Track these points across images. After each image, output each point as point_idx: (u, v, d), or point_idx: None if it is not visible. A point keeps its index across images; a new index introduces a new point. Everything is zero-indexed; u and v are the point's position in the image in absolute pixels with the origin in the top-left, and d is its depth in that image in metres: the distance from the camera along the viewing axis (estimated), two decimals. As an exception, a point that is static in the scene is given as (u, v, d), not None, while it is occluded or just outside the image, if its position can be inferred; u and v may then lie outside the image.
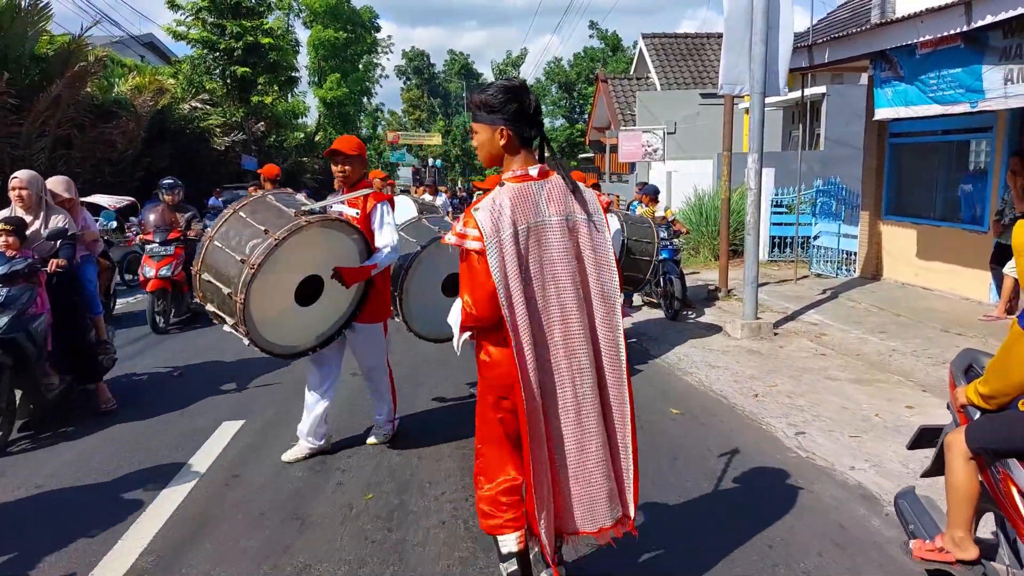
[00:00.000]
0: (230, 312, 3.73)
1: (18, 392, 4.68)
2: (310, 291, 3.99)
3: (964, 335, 7.22)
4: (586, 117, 32.12)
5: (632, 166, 22.09)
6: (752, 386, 5.96)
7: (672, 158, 18.62)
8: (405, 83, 66.79)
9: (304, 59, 37.14)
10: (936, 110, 7.11)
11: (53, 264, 4.83)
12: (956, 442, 2.52)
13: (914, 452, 4.32)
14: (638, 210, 10.16)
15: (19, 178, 4.92)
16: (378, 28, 42.60)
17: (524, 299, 2.38)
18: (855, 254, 11.16)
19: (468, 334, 2.50)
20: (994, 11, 5.93)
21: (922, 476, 2.95)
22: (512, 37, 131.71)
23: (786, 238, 13.53)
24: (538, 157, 2.52)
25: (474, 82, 64.32)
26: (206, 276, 3.81)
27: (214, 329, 6.54)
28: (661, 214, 9.54)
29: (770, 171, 13.91)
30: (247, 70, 26.95)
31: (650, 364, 6.76)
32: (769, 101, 14.98)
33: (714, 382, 6.10)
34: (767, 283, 10.96)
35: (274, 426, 4.97)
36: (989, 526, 2.67)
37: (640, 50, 25.15)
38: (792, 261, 12.12)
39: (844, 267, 11.59)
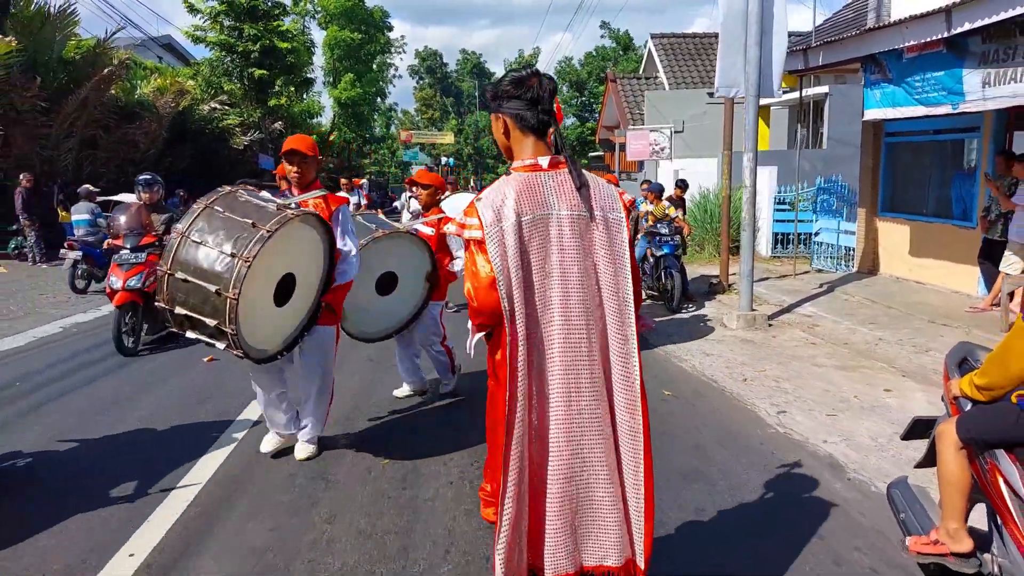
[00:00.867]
0: (212, 312, 3.48)
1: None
2: (281, 290, 3.84)
3: (950, 326, 7.58)
4: (597, 116, 32.48)
5: (640, 164, 22.45)
6: (742, 371, 6.37)
7: (680, 156, 18.97)
8: (418, 82, 67.40)
9: (319, 60, 37.74)
10: (921, 111, 7.49)
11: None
12: (947, 432, 2.56)
13: (882, 428, 4.75)
14: (643, 207, 10.58)
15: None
16: (391, 28, 43.13)
17: (523, 293, 2.20)
18: (854, 250, 11.50)
19: (481, 334, 2.32)
20: (972, 19, 6.30)
21: (915, 467, 3.02)
22: (523, 35, 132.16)
23: (789, 234, 13.86)
24: (553, 148, 2.33)
25: (486, 81, 64.79)
26: (180, 275, 3.51)
27: (200, 348, 6.13)
28: (667, 211, 9.92)
29: (773, 169, 14.28)
30: (264, 72, 27.55)
31: (647, 352, 7.18)
32: (775, 100, 15.36)
33: (707, 368, 6.51)
34: (767, 278, 11.34)
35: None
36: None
37: (649, 50, 25.50)
38: (796, 257, 12.48)
39: (844, 263, 11.94)
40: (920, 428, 2.95)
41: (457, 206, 7.07)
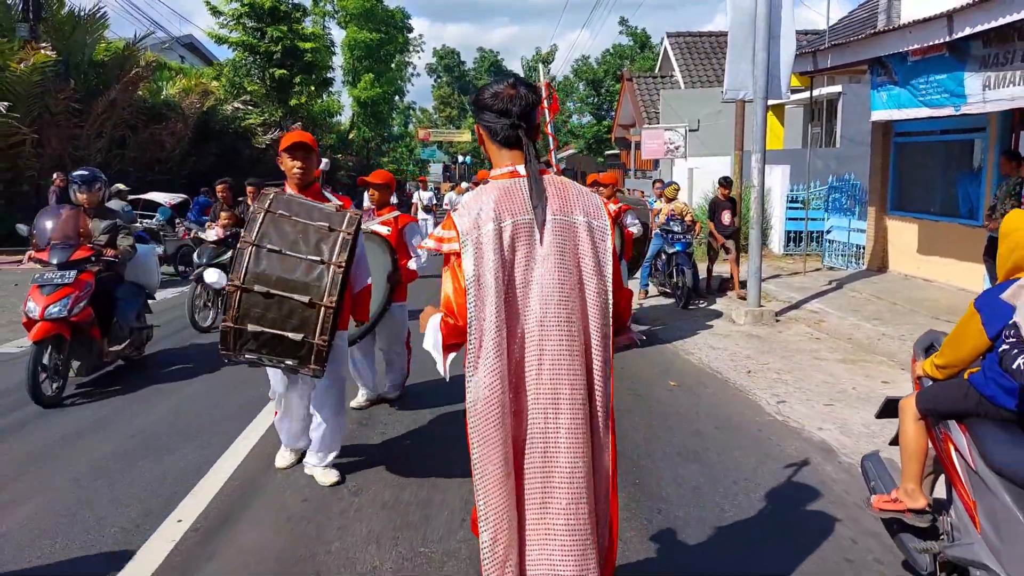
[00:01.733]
0: (300, 325, 3.28)
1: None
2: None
3: (952, 322, 7.76)
4: (613, 114, 32.69)
5: (656, 163, 22.67)
6: (746, 364, 6.64)
7: (695, 155, 19.17)
8: (436, 81, 67.80)
9: (338, 59, 38.25)
10: (925, 113, 7.70)
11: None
12: (908, 406, 2.86)
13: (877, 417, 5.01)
14: (656, 205, 10.85)
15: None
16: (410, 29, 43.57)
17: (498, 300, 2.09)
18: (864, 248, 11.69)
19: (453, 355, 2.21)
20: (972, 24, 6.51)
21: (890, 444, 3.22)
22: (542, 32, 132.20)
23: (802, 232, 14.05)
24: (534, 156, 2.25)
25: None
26: (260, 288, 3.26)
27: (160, 394, 5.70)
28: (677, 208, 10.18)
29: (786, 168, 14.49)
30: (285, 72, 28.06)
31: (656, 346, 7.46)
32: (791, 100, 15.51)
33: (712, 361, 6.78)
34: (779, 275, 11.57)
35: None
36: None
37: (665, 48, 25.67)
38: (807, 254, 12.69)
39: (854, 260, 12.13)
40: (892, 407, 3.18)
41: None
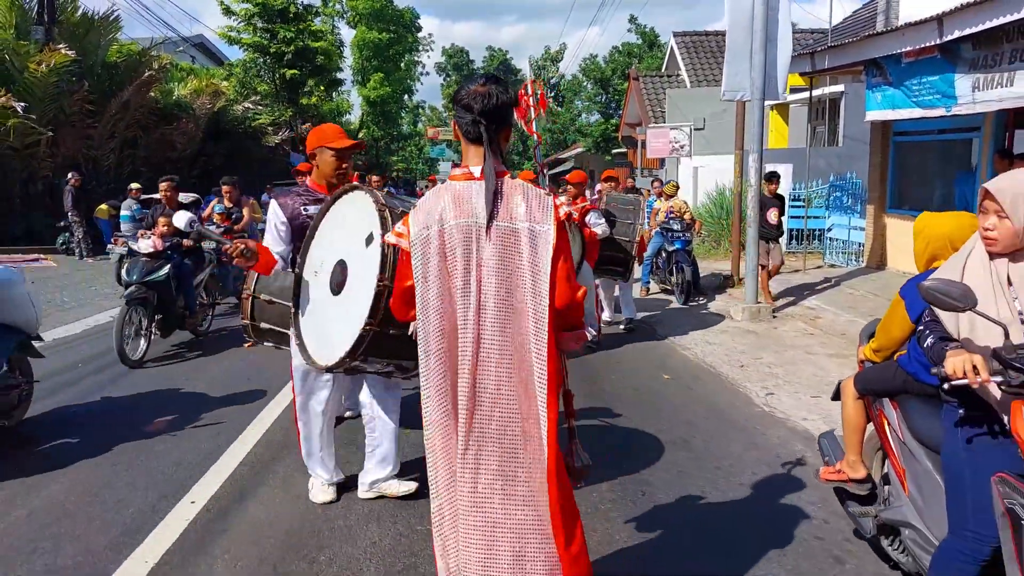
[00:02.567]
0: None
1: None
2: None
3: (945, 318, 7.94)
4: (620, 112, 32.85)
5: (661, 161, 22.81)
6: (740, 359, 6.83)
7: (700, 154, 19.31)
8: (445, 79, 68.06)
9: (348, 59, 38.58)
10: (918, 113, 7.86)
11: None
12: (848, 386, 3.15)
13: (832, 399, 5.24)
14: (656, 204, 11.04)
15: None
16: (420, 28, 43.85)
17: (440, 305, 2.22)
18: (864, 245, 11.84)
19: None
20: (961, 27, 6.67)
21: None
22: (552, 30, 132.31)
23: (803, 230, 14.21)
24: (499, 156, 2.30)
25: (512, 78, 65.32)
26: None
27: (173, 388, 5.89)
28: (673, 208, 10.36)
29: (788, 167, 14.62)
30: (295, 72, 28.38)
31: (654, 341, 7.66)
32: (794, 98, 15.65)
33: (707, 355, 6.98)
34: (780, 273, 11.71)
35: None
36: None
37: (671, 47, 25.81)
38: (809, 252, 12.85)
39: (855, 258, 12.27)
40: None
41: None
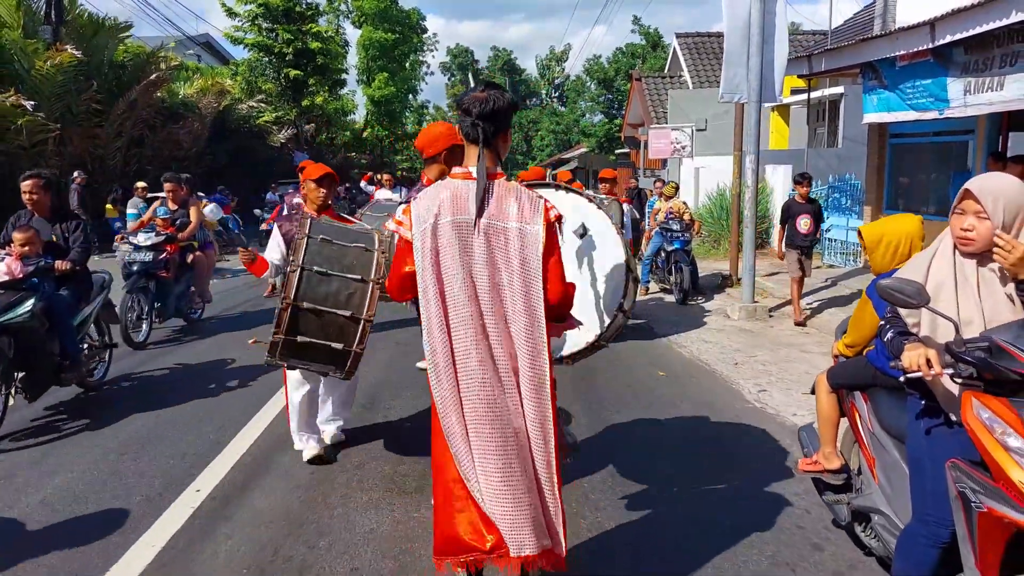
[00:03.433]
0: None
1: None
2: None
3: (938, 317, 8.05)
4: (623, 113, 32.96)
5: (664, 162, 22.92)
6: (734, 357, 6.96)
7: (702, 154, 19.41)
8: (449, 79, 68.20)
9: (353, 59, 38.72)
10: (912, 116, 7.97)
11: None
12: (821, 380, 3.31)
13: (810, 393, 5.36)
14: (656, 204, 11.16)
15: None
16: (425, 30, 43.91)
17: (437, 293, 2.39)
18: (861, 246, 11.95)
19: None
20: (953, 31, 6.79)
21: None
22: (559, 29, 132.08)
23: (802, 231, 14.30)
24: (496, 158, 2.48)
25: (517, 78, 65.43)
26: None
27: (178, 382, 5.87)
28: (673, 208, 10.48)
29: (788, 168, 14.74)
30: (299, 72, 28.54)
31: (651, 340, 7.78)
32: (794, 99, 15.76)
33: (702, 353, 7.10)
34: (777, 272, 11.81)
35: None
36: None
37: (674, 48, 25.92)
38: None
39: (853, 258, 12.37)
40: None
41: None
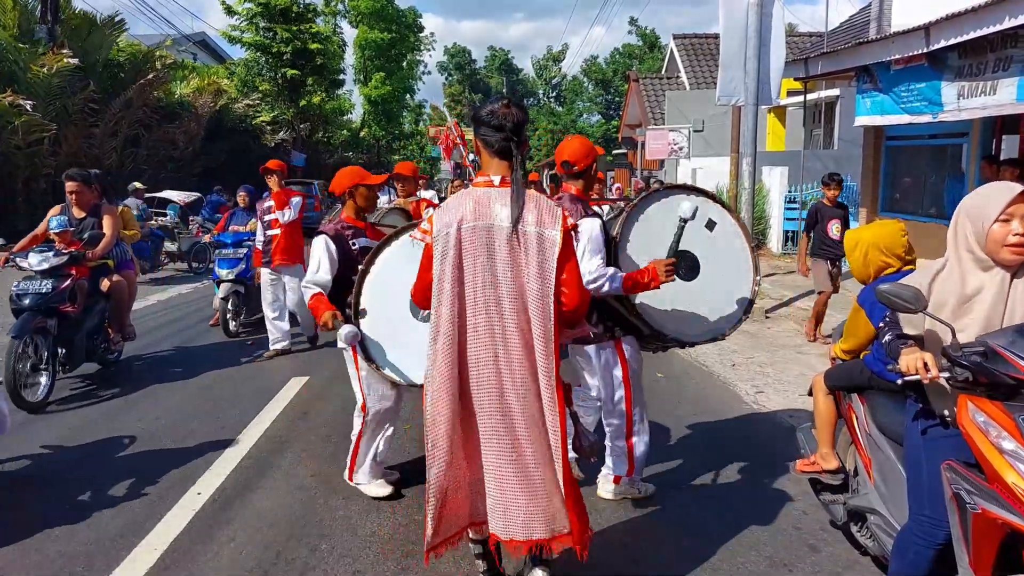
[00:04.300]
0: None
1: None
2: None
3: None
4: (621, 113, 33.04)
5: (661, 163, 22.99)
6: (732, 358, 7.00)
7: (699, 155, 19.48)
8: (447, 79, 68.16)
9: (350, 58, 38.68)
10: (906, 119, 8.03)
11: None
12: (818, 382, 3.38)
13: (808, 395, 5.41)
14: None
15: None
16: (421, 28, 43.87)
17: (454, 295, 2.51)
18: (857, 248, 12.01)
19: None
20: (947, 36, 6.85)
21: None
22: (559, 28, 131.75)
23: (798, 232, 14.38)
24: (520, 166, 2.60)
25: (514, 77, 65.46)
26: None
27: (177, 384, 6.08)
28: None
29: (785, 169, 14.81)
30: (296, 72, 28.50)
31: (648, 340, 7.82)
32: (790, 101, 15.83)
33: (700, 355, 7.14)
34: (774, 274, 11.89)
35: (332, 381, 6.19)
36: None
37: (671, 50, 25.98)
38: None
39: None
40: None
41: None
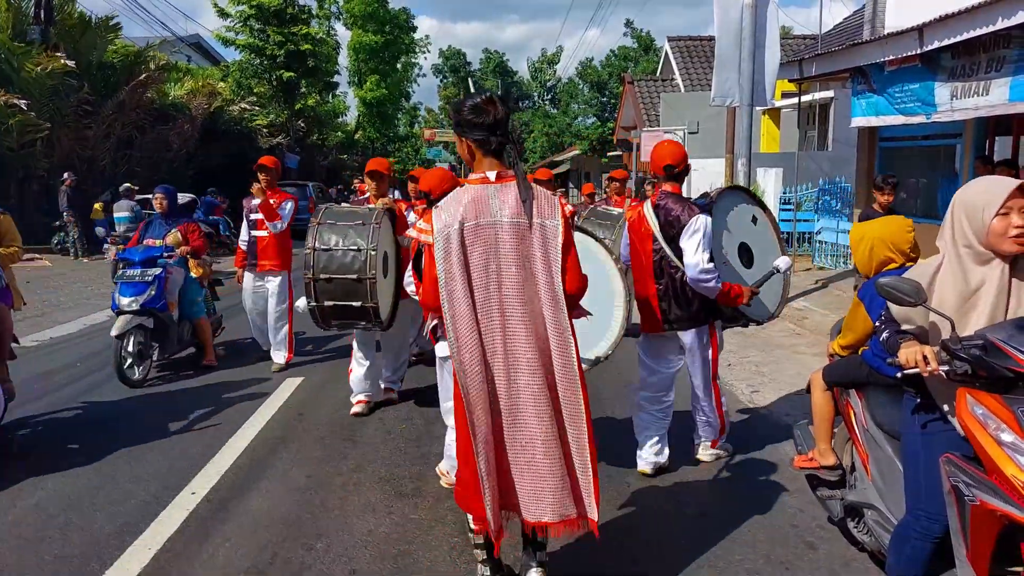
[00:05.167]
0: (355, 296, 4.63)
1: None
2: (384, 266, 4.86)
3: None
4: (616, 116, 33.07)
5: (656, 164, 23.00)
6: (728, 358, 6.99)
7: (694, 157, 19.43)
8: (442, 81, 68.14)
9: (344, 60, 38.64)
10: (900, 120, 8.06)
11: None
12: (816, 378, 3.39)
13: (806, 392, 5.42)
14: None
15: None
16: (415, 29, 43.84)
17: (466, 292, 2.55)
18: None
19: (435, 322, 2.69)
20: (940, 38, 6.87)
21: None
22: (554, 30, 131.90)
23: (793, 233, 14.42)
24: (509, 164, 2.66)
25: (509, 80, 65.45)
26: (324, 275, 4.62)
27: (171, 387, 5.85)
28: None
29: (779, 171, 14.86)
30: (291, 74, 28.45)
31: (644, 341, 7.82)
32: (785, 103, 15.87)
33: (695, 355, 7.14)
34: (769, 275, 11.91)
35: (327, 382, 6.18)
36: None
37: (666, 52, 26.04)
38: (799, 255, 13.06)
39: (843, 260, 12.47)
40: None
41: None
